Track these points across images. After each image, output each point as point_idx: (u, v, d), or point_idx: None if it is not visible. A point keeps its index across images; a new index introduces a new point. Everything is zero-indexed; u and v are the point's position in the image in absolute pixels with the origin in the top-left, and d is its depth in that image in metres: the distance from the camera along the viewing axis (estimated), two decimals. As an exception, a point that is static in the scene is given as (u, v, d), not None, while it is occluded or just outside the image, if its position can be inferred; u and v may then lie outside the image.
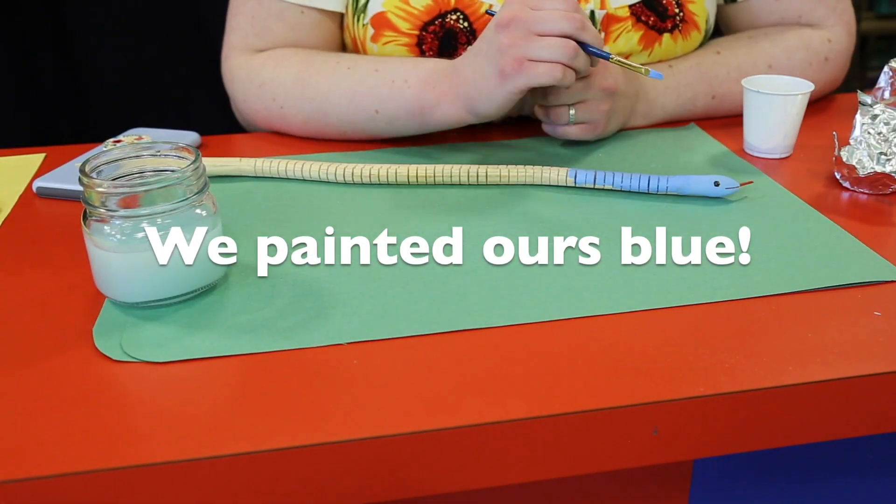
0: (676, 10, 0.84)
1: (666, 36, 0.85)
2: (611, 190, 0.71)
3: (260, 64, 0.83)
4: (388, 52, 0.83)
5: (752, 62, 0.85)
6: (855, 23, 0.90)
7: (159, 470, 0.42)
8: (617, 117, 0.81)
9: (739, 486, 0.57)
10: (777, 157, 0.79)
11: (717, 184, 0.67)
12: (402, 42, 0.82)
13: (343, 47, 0.90)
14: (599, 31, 0.82)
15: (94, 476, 0.42)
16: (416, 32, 0.81)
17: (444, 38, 0.81)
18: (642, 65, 0.74)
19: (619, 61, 0.72)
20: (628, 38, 0.83)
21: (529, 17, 0.68)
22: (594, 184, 0.70)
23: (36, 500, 0.42)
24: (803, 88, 0.77)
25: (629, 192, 0.71)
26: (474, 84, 0.72)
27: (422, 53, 0.82)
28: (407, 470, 0.45)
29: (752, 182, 0.68)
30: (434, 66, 0.77)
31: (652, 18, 0.83)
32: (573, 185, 0.71)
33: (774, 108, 0.77)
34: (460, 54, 0.80)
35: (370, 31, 0.83)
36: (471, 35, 0.81)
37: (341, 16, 0.88)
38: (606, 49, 0.73)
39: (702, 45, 0.89)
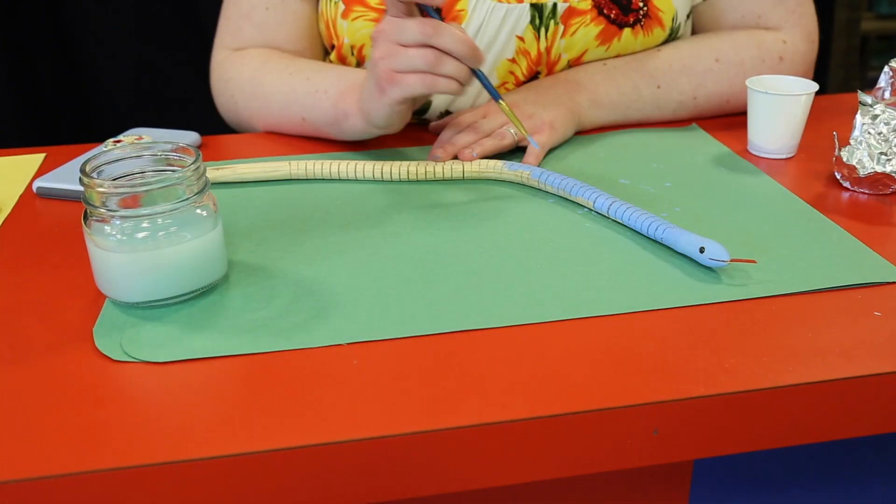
0: (641, 5, 0.83)
1: (626, 30, 0.84)
2: (617, 186, 0.71)
3: (230, 63, 0.88)
4: (358, 28, 0.84)
5: (698, 55, 0.86)
6: (816, 31, 0.91)
7: (159, 470, 0.42)
8: (558, 108, 0.80)
9: (739, 486, 0.57)
10: (782, 157, 0.79)
11: (702, 250, 0.58)
12: (370, 17, 0.83)
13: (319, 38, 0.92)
14: (558, 24, 0.82)
15: (94, 476, 0.42)
16: (384, 6, 0.78)
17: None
18: (601, 60, 0.74)
19: (507, 111, 0.72)
20: (586, 32, 0.82)
21: (391, 28, 0.69)
22: (593, 207, 0.68)
23: (36, 500, 0.42)
24: (808, 89, 0.77)
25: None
26: (366, 99, 0.74)
27: None
28: (407, 470, 0.45)
29: (754, 262, 0.59)
30: (353, 78, 0.78)
31: (614, 12, 0.83)
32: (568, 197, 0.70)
33: (779, 109, 0.77)
34: None
35: (341, 7, 0.84)
36: (436, 9, 0.79)
37: (313, 8, 0.89)
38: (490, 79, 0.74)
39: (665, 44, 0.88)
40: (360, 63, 0.87)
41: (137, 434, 0.44)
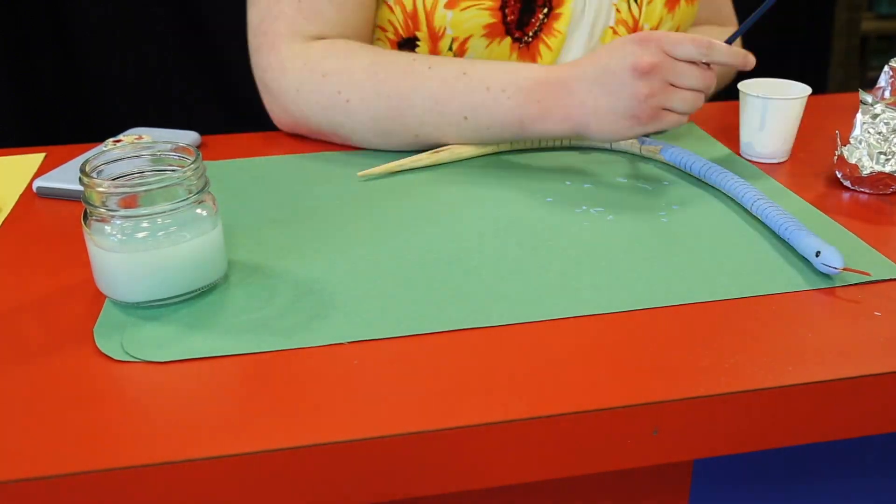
0: None
1: (682, 0, 0.89)
2: (616, 186, 0.72)
3: (321, 53, 0.78)
4: (467, 18, 0.80)
5: None
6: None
7: (159, 470, 0.42)
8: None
9: (739, 486, 0.57)
10: (775, 161, 0.78)
11: (818, 254, 0.57)
12: (485, 6, 0.80)
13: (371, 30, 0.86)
14: None
15: (94, 476, 0.42)
16: None
17: (526, 1, 0.82)
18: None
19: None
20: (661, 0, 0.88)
21: (671, 68, 0.69)
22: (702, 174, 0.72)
23: (36, 500, 0.42)
24: (801, 92, 0.77)
25: (674, 170, 0.75)
26: (594, 115, 0.71)
27: (503, 18, 0.81)
28: (407, 470, 0.45)
29: (868, 274, 0.58)
30: (534, 75, 0.74)
31: None
32: (665, 161, 0.76)
33: (773, 113, 0.76)
34: (537, 18, 0.82)
35: None
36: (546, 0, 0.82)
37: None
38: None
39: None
40: (457, 56, 0.82)
41: (137, 434, 0.44)
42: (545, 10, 0.82)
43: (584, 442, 0.46)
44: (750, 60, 0.72)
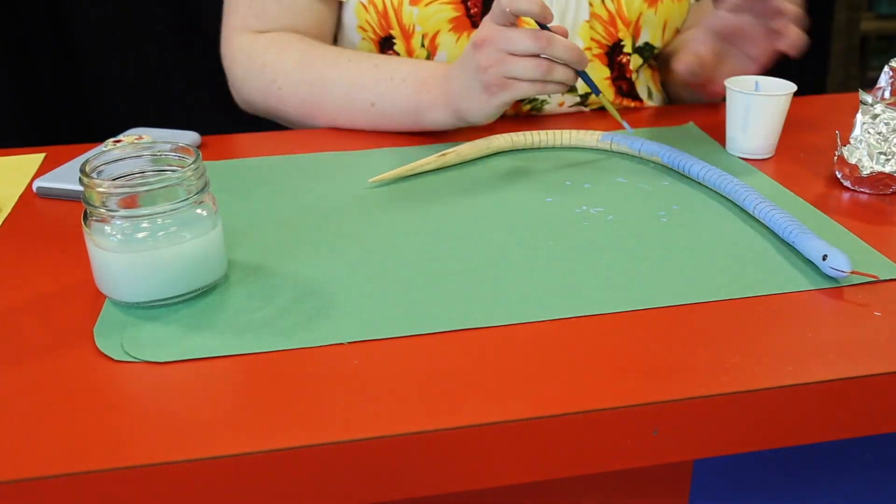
0: None
1: None
2: (616, 186, 0.72)
3: (263, 46, 0.87)
4: (432, 14, 0.85)
5: None
6: None
7: (160, 470, 0.42)
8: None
9: (739, 486, 0.57)
10: (759, 157, 0.79)
11: (824, 258, 0.57)
12: (446, 0, 0.85)
13: (335, 31, 0.93)
14: None
15: (94, 476, 0.42)
16: None
17: None
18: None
19: (605, 102, 0.79)
20: None
21: (500, 37, 0.73)
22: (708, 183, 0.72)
23: (36, 500, 0.42)
24: (786, 89, 0.77)
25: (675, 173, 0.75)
26: (462, 97, 0.78)
27: (466, 10, 0.85)
28: (407, 470, 0.45)
29: (875, 277, 0.57)
30: (432, 70, 0.82)
31: None
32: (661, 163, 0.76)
33: (759, 109, 0.77)
34: None
35: None
36: None
37: (339, 5, 0.91)
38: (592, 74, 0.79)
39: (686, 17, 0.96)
40: (431, 55, 0.88)
41: (137, 434, 0.44)
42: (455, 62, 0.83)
43: (584, 442, 0.46)
44: (584, 59, 0.74)
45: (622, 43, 0.91)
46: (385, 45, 0.90)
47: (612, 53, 0.92)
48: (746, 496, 0.58)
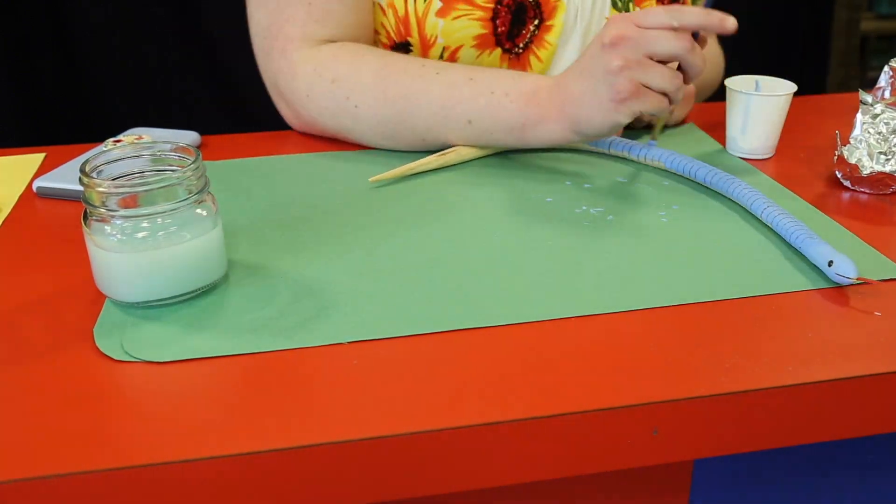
0: None
1: None
2: (616, 186, 0.72)
3: (330, 58, 0.78)
4: (458, 28, 0.80)
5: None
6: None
7: (159, 470, 0.42)
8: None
9: (739, 486, 0.57)
10: (759, 157, 0.79)
11: (830, 263, 0.57)
12: (475, 16, 0.80)
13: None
14: (633, 5, 0.86)
15: (94, 476, 0.42)
16: (492, 5, 0.80)
17: (517, 11, 0.81)
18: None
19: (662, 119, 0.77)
20: None
21: (640, 36, 0.66)
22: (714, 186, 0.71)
23: (36, 500, 0.42)
24: (786, 89, 0.77)
25: (674, 174, 0.74)
26: (583, 104, 0.70)
27: (494, 29, 0.81)
28: (407, 470, 0.45)
29: (861, 279, 0.56)
30: (536, 81, 0.74)
31: None
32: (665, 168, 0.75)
33: (759, 109, 0.77)
34: (528, 30, 0.81)
35: (436, 4, 0.79)
36: (537, 9, 0.81)
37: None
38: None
39: None
40: None
41: (137, 434, 0.44)
42: (536, 22, 0.82)
43: (584, 442, 0.46)
44: (729, 23, 0.67)
45: None
46: (398, 50, 0.84)
47: None
48: (746, 496, 0.58)
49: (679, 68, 0.69)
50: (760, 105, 0.76)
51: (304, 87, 0.79)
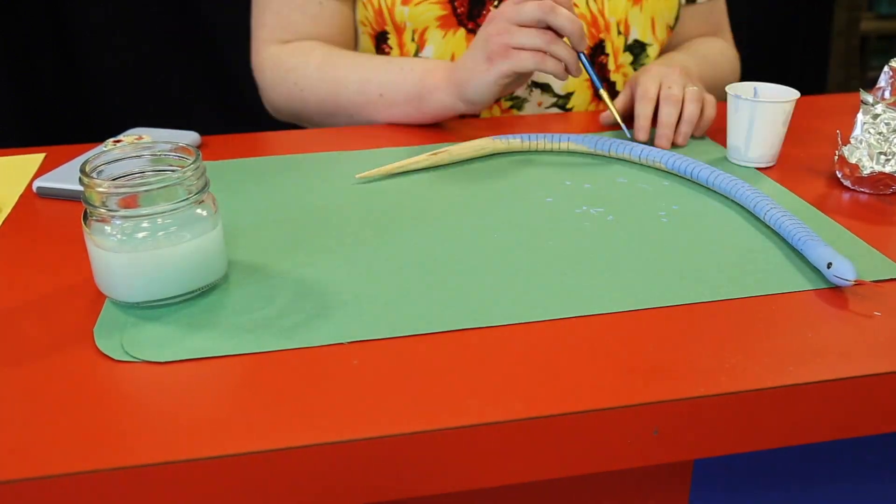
0: None
1: None
2: (616, 186, 0.72)
3: (288, 53, 0.92)
4: (421, 12, 0.90)
5: (711, 50, 1.00)
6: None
7: (159, 470, 0.42)
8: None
9: (739, 486, 0.57)
10: (762, 166, 0.77)
11: (829, 265, 0.57)
12: (434, 0, 0.89)
13: (355, 30, 0.97)
14: None
15: (94, 476, 0.42)
16: None
17: None
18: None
19: (607, 101, 0.81)
20: None
21: (509, 9, 0.77)
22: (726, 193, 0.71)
23: (36, 500, 0.42)
24: (790, 96, 0.75)
25: (678, 177, 0.74)
26: (465, 69, 0.80)
27: (453, 10, 0.89)
28: (407, 470, 0.45)
29: (859, 282, 0.56)
30: (442, 62, 0.85)
31: None
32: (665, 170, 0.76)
33: (761, 116, 0.75)
34: (488, 10, 0.89)
35: None
36: None
37: (350, 8, 0.95)
38: (583, 52, 0.80)
39: (677, 14, 0.98)
40: (419, 49, 0.93)
41: (137, 434, 0.44)
42: (495, 3, 0.88)
43: (584, 442, 0.46)
44: (585, 40, 0.77)
45: (604, 43, 0.93)
46: (381, 38, 0.95)
47: (594, 54, 0.93)
48: (746, 496, 0.58)
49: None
50: (765, 112, 0.74)
51: (269, 80, 0.94)
